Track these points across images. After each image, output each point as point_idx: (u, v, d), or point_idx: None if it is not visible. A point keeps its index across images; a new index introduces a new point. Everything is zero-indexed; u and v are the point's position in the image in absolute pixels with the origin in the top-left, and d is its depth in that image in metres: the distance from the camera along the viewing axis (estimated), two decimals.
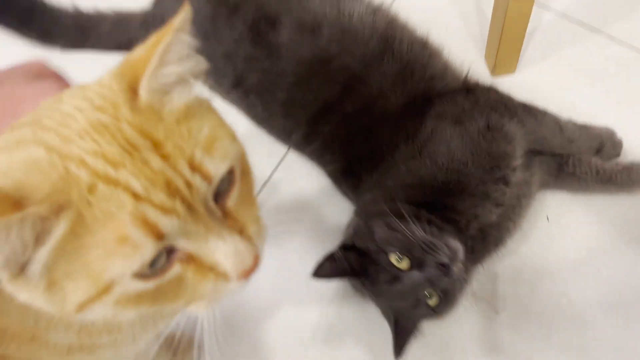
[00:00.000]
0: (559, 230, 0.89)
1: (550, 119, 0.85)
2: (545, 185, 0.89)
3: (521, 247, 0.87)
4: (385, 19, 0.85)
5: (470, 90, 0.84)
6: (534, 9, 0.89)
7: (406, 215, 0.70)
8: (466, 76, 0.86)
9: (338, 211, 0.91)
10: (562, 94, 0.98)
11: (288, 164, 0.98)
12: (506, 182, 0.77)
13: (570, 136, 0.85)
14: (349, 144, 0.84)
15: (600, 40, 1.04)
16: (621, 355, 0.79)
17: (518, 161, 0.79)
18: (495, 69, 1.02)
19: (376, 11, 0.86)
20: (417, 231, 0.68)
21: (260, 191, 0.95)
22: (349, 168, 0.84)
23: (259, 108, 0.88)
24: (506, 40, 0.97)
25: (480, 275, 0.81)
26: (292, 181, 0.96)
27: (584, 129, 0.88)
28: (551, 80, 1.01)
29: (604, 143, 0.88)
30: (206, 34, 0.88)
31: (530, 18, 0.93)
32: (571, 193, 0.90)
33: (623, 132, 0.92)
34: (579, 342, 0.80)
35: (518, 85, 0.91)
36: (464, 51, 0.93)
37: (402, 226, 0.69)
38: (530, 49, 1.04)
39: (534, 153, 0.84)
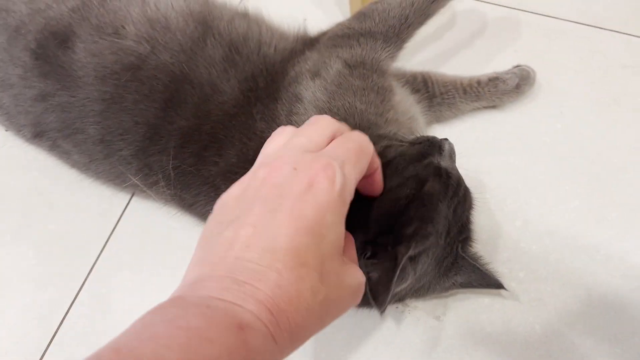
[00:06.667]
0: None
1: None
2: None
3: None
4: (199, 1, 0.69)
5: (312, 42, 0.69)
6: None
7: None
8: (302, 32, 0.72)
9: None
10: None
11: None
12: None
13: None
14: (199, 174, 0.62)
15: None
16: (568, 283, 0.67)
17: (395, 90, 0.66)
18: None
19: None
20: None
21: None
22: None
23: (74, 155, 0.68)
24: None
25: None
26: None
27: None
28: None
29: None
30: None
31: None
32: (447, 123, 0.79)
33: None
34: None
35: None
36: None
37: None
38: None
39: None
